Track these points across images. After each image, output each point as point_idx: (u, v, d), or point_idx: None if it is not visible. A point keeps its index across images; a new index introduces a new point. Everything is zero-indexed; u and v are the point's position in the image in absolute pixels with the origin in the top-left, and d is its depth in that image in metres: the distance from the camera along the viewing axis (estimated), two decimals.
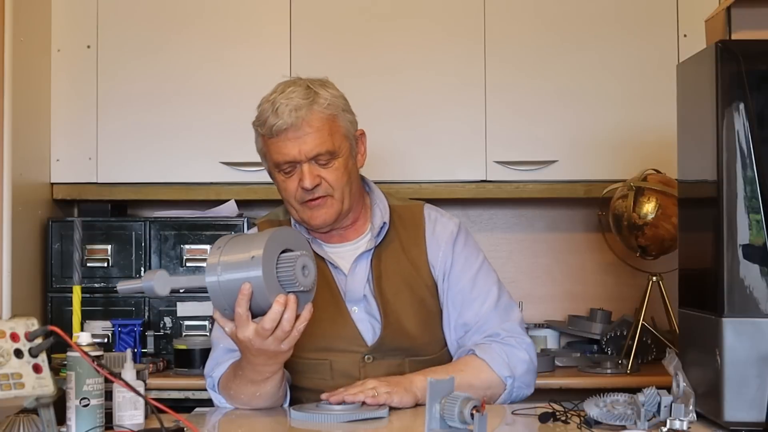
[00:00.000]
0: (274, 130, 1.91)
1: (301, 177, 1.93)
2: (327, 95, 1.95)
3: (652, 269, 2.89)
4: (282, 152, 1.93)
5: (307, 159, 1.92)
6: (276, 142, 1.93)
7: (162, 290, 1.68)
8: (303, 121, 1.91)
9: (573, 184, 3.10)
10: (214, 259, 1.69)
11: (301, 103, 1.91)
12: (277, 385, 1.87)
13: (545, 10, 3.12)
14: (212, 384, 1.96)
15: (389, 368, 1.96)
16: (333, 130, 1.95)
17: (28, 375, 1.34)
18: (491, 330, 2.00)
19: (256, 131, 1.99)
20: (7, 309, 2.79)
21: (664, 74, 2.53)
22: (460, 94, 3.10)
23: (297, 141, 1.91)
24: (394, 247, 2.03)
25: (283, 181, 1.97)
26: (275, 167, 1.97)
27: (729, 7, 1.80)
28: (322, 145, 1.92)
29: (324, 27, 3.13)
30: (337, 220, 1.99)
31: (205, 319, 3.01)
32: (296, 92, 1.93)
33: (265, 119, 1.93)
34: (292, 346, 1.75)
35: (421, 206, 2.10)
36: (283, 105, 1.91)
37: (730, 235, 1.64)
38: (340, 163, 1.95)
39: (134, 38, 3.14)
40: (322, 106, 1.93)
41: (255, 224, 2.14)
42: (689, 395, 1.65)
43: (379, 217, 2.04)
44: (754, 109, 1.64)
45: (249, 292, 1.65)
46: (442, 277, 2.03)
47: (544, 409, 1.80)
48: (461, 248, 2.04)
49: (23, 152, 2.92)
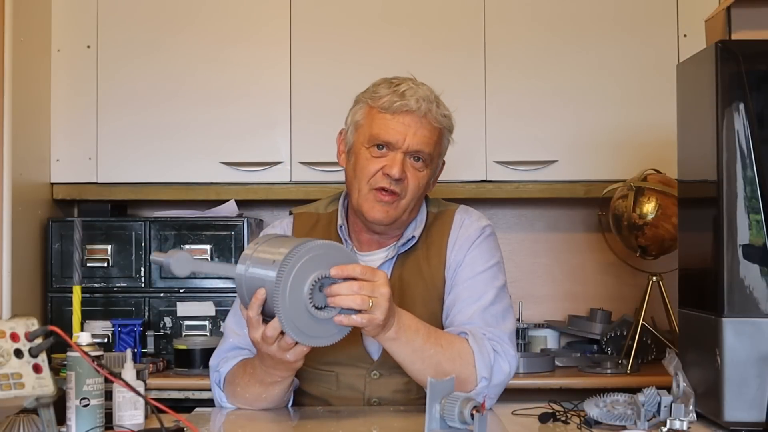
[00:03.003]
0: (394, 107, 1.87)
1: (390, 164, 1.88)
2: (446, 110, 1.94)
3: (652, 269, 2.89)
4: (390, 130, 1.88)
5: (407, 150, 1.89)
6: (387, 119, 1.88)
7: (180, 271, 1.65)
8: (426, 113, 1.88)
9: (573, 184, 3.11)
10: (248, 251, 1.68)
11: (429, 96, 1.90)
12: (283, 391, 1.86)
13: (545, 11, 3.12)
14: (218, 379, 1.93)
15: (396, 385, 1.95)
16: (439, 140, 1.94)
17: (28, 375, 1.34)
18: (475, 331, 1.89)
19: (362, 102, 1.94)
20: (7, 309, 2.79)
21: (664, 74, 2.54)
22: (461, 94, 3.09)
23: (409, 129, 1.88)
24: (416, 257, 1.98)
25: (366, 159, 1.90)
26: (368, 141, 1.91)
27: (729, 7, 1.80)
28: (428, 145, 1.90)
29: (324, 27, 3.13)
30: (393, 224, 1.95)
31: (205, 319, 3.01)
32: (423, 87, 1.91)
33: (384, 95, 1.89)
34: (301, 358, 1.72)
35: (453, 211, 2.05)
36: (411, 90, 1.88)
37: (730, 235, 1.64)
38: (426, 174, 1.93)
39: (134, 38, 3.14)
40: (441, 114, 1.92)
41: (291, 213, 2.09)
42: (689, 395, 1.65)
43: (412, 229, 1.99)
44: (754, 109, 1.65)
45: (262, 297, 1.63)
46: (451, 279, 1.98)
47: (544, 409, 1.80)
48: (474, 250, 1.99)
49: (23, 152, 2.92)
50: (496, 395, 1.89)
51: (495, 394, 1.88)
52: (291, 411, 1.92)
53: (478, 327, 1.88)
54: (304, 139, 3.09)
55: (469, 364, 1.82)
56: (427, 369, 1.77)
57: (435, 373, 1.76)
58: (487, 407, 1.77)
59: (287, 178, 3.12)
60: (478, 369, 1.82)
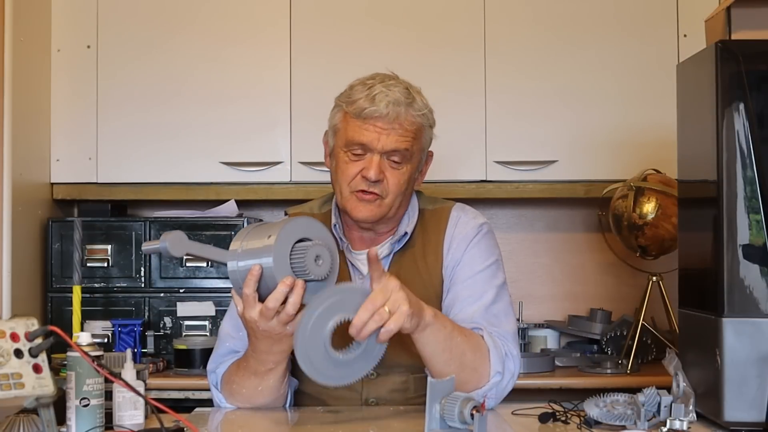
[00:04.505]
0: (364, 113, 1.89)
1: (367, 166, 1.90)
2: (422, 105, 1.94)
3: (652, 269, 2.89)
4: (362, 135, 1.89)
5: (382, 151, 1.90)
6: (360, 124, 1.90)
7: (177, 251, 1.68)
8: (396, 117, 1.89)
9: (573, 184, 3.11)
10: (236, 244, 1.72)
11: (400, 99, 1.89)
12: (279, 380, 1.86)
13: (545, 11, 3.12)
14: (215, 381, 1.94)
15: (393, 385, 1.95)
16: (416, 137, 1.93)
17: (28, 375, 1.34)
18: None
19: (339, 106, 1.96)
20: (7, 309, 2.79)
21: (664, 74, 2.54)
22: (461, 94, 3.10)
23: (382, 132, 1.89)
24: (412, 255, 1.98)
25: (345, 163, 1.93)
26: (345, 145, 1.93)
27: (729, 7, 1.80)
28: (403, 143, 1.90)
29: (324, 27, 3.13)
30: (380, 220, 1.95)
31: (205, 319, 3.01)
32: (397, 88, 1.91)
33: (356, 99, 1.90)
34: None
35: (449, 208, 2.05)
36: (381, 93, 1.89)
37: (730, 235, 1.64)
38: (407, 170, 1.93)
39: (134, 38, 3.14)
40: (417, 111, 1.92)
41: (286, 214, 2.11)
42: (689, 395, 1.65)
43: (405, 225, 2.00)
44: (754, 109, 1.65)
45: (258, 273, 1.66)
46: (449, 278, 1.98)
47: (544, 409, 1.80)
48: (472, 248, 1.98)
49: (23, 152, 2.92)
50: (501, 397, 1.88)
51: (500, 395, 1.87)
52: (290, 411, 1.92)
53: (483, 325, 1.88)
54: (304, 139, 3.09)
55: (486, 357, 1.83)
56: (454, 359, 1.77)
57: (459, 365, 1.77)
58: (489, 407, 1.78)
59: (287, 178, 3.12)
60: (492, 363, 1.84)
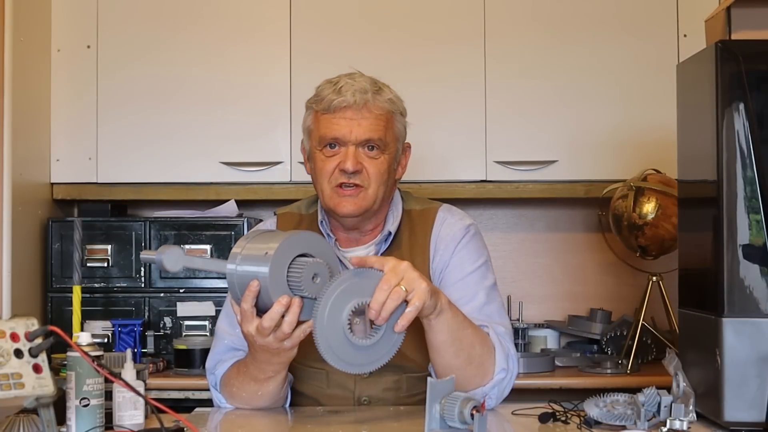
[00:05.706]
0: (333, 105, 1.89)
1: (344, 159, 1.90)
2: (390, 93, 1.95)
3: (652, 269, 2.89)
4: (333, 128, 1.90)
5: (356, 142, 1.90)
6: (330, 118, 1.91)
7: (172, 266, 1.66)
8: (365, 104, 1.89)
9: (573, 184, 3.11)
10: (237, 249, 1.69)
11: (366, 87, 1.90)
12: (278, 386, 1.86)
13: (545, 11, 3.12)
14: (215, 381, 1.94)
15: (386, 384, 1.95)
16: (389, 125, 1.94)
17: (28, 375, 1.34)
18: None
19: (309, 108, 1.97)
20: (7, 309, 2.79)
21: (664, 74, 2.53)
22: (460, 94, 3.10)
23: (352, 122, 1.89)
24: (400, 256, 1.92)
25: (322, 161, 1.93)
26: (319, 144, 1.93)
27: (729, 7, 1.80)
28: (376, 132, 1.91)
29: (324, 27, 3.13)
30: (364, 214, 1.94)
31: (205, 319, 3.01)
32: (363, 79, 1.93)
33: (324, 96, 1.91)
34: (296, 345, 1.72)
35: (435, 209, 2.04)
36: (348, 85, 1.90)
37: (730, 235, 1.64)
38: (385, 159, 1.93)
39: (134, 38, 3.14)
40: (385, 98, 1.92)
41: (275, 214, 2.10)
42: (689, 395, 1.65)
43: (390, 224, 1.99)
44: (754, 109, 1.64)
45: (256, 289, 1.64)
46: (438, 281, 1.96)
47: (544, 409, 1.80)
48: (460, 250, 1.97)
49: (23, 152, 2.92)
50: (503, 396, 1.88)
51: (502, 395, 1.87)
52: (290, 411, 1.92)
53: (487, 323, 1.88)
54: None
55: (491, 353, 1.83)
56: (463, 351, 1.77)
57: (467, 358, 1.77)
58: (489, 407, 1.78)
59: (287, 178, 3.12)
60: (497, 360, 1.83)
